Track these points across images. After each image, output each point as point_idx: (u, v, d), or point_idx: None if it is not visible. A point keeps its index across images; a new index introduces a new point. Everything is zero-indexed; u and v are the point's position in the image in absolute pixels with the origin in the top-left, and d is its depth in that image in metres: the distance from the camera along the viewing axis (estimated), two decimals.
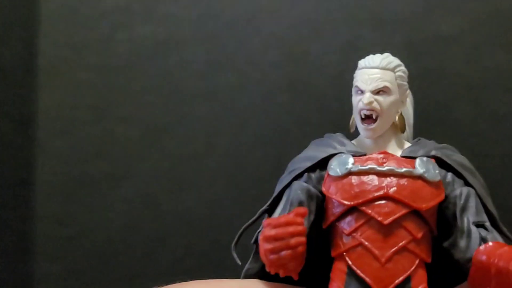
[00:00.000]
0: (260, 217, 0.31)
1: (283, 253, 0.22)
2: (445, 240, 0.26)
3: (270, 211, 0.30)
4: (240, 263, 0.33)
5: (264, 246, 0.23)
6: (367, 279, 0.24)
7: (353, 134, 0.32)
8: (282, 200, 0.29)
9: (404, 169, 0.25)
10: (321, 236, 0.27)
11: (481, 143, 0.57)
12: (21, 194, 0.85)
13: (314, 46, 0.70)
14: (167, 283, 0.39)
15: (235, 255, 0.33)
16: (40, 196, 0.88)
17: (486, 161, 0.56)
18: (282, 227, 0.23)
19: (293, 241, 0.22)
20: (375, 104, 0.29)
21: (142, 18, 0.71)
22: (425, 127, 0.35)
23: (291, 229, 0.22)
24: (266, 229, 0.23)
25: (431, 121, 0.57)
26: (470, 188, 0.27)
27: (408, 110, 0.32)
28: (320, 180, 0.27)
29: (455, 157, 0.29)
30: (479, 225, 0.25)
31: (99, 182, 0.90)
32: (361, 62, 0.31)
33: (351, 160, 0.27)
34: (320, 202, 0.27)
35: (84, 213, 0.87)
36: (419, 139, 0.31)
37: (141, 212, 0.86)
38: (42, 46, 0.72)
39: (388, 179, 0.25)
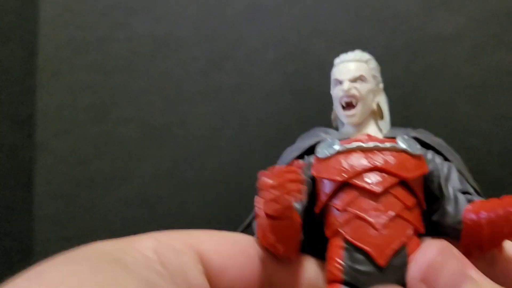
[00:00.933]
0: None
1: (282, 198, 0.22)
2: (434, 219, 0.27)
3: None
4: None
5: (263, 195, 0.23)
6: (365, 247, 0.23)
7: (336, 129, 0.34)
8: None
9: (388, 144, 0.26)
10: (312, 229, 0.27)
11: (482, 142, 0.57)
12: (21, 195, 0.85)
13: (314, 45, 0.70)
14: None
15: None
16: (39, 196, 0.88)
17: (486, 160, 0.56)
18: (281, 176, 0.22)
19: (293, 186, 0.22)
20: (353, 91, 0.30)
21: (142, 17, 0.71)
22: (425, 127, 0.35)
23: (290, 176, 0.22)
24: (264, 179, 0.22)
25: (431, 120, 0.57)
26: (450, 163, 0.28)
27: (384, 105, 0.33)
28: (309, 166, 0.28)
29: (433, 138, 0.30)
30: (463, 192, 0.26)
31: (98, 182, 0.90)
32: (337, 59, 0.33)
33: (337, 142, 0.27)
34: (310, 188, 0.27)
35: (83, 214, 0.87)
36: (395, 127, 0.32)
37: (141, 213, 0.86)
38: (42, 46, 0.72)
39: (374, 154, 0.26)
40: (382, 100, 0.32)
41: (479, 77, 0.57)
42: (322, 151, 0.27)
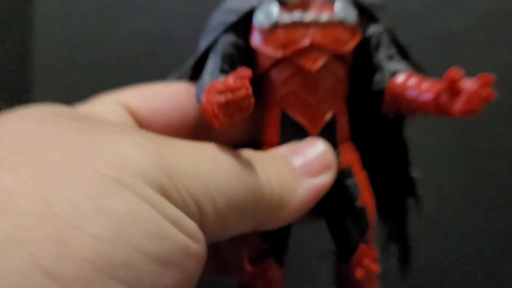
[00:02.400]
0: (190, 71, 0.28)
1: (234, 109, 0.21)
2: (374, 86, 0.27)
3: (197, 68, 0.27)
4: None
5: (215, 105, 0.21)
6: (300, 120, 0.25)
7: None
8: (211, 57, 0.26)
9: (325, 19, 0.24)
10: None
11: (489, 141, 0.56)
12: None
13: None
14: None
15: None
16: None
17: (492, 159, 0.55)
18: (231, 91, 0.20)
19: (244, 104, 0.21)
20: None
21: (138, 14, 0.69)
22: (429, 125, 0.34)
23: (241, 93, 0.20)
24: (215, 95, 0.21)
25: (436, 119, 0.55)
26: (381, 27, 0.27)
27: None
28: (246, 32, 0.26)
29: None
30: (391, 56, 0.26)
31: None
32: None
33: (275, 8, 0.25)
34: (248, 53, 0.26)
35: None
36: None
37: None
38: (37, 43, 0.71)
39: (312, 29, 0.24)
40: None
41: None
42: (260, 20, 0.25)
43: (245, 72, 0.21)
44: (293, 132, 0.25)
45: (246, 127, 0.27)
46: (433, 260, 0.60)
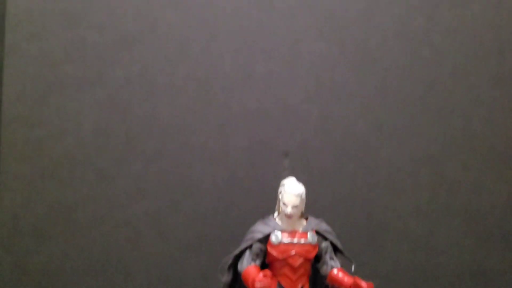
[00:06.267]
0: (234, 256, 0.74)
1: None
2: (317, 266, 0.76)
3: (238, 256, 0.74)
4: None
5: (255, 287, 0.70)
6: (287, 287, 0.72)
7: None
8: (247, 252, 0.73)
9: (302, 241, 0.72)
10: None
11: None
12: None
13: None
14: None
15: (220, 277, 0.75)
16: (8, 97, 0.88)
17: None
18: (264, 282, 0.69)
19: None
20: (293, 212, 0.72)
21: None
22: None
23: (267, 284, 0.70)
24: (257, 281, 0.69)
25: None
26: (328, 242, 0.74)
27: (303, 207, 0.74)
28: (265, 241, 0.73)
29: (324, 227, 0.75)
30: (331, 258, 0.75)
31: (70, 85, 0.90)
32: (287, 188, 0.72)
33: (279, 234, 0.72)
34: (264, 252, 0.73)
35: (54, 116, 0.89)
36: (307, 217, 0.75)
37: (112, 116, 0.90)
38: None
39: (297, 246, 0.72)
40: (303, 209, 0.74)
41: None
42: (273, 240, 0.72)
43: (268, 273, 0.70)
44: None
45: None
46: None
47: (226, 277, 0.73)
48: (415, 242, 0.87)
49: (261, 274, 0.68)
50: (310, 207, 0.74)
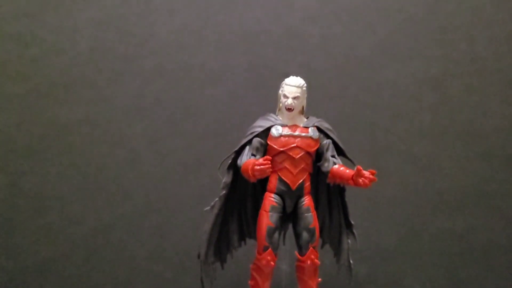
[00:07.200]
0: (232, 155, 0.72)
1: (262, 173, 0.67)
2: (319, 164, 0.73)
3: (238, 151, 0.71)
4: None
5: (254, 171, 0.66)
6: (287, 181, 0.70)
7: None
8: (246, 148, 0.71)
9: (303, 134, 0.70)
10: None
11: None
12: None
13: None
14: None
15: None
16: (2, 15, 0.85)
17: None
18: (263, 165, 0.66)
19: (267, 170, 0.66)
20: (294, 104, 0.70)
21: None
22: None
23: (266, 166, 0.66)
24: (256, 166, 0.65)
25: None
26: (329, 140, 0.72)
27: (304, 106, 0.73)
28: (266, 136, 0.70)
29: (325, 125, 0.72)
30: (333, 156, 0.72)
31: (65, 3, 0.87)
32: (287, 81, 0.71)
33: (280, 128, 0.70)
34: (265, 147, 0.71)
35: (49, 34, 0.88)
36: (308, 117, 0.73)
37: (109, 34, 0.89)
38: None
39: (297, 138, 0.70)
40: (304, 104, 0.73)
41: None
42: (273, 133, 0.70)
43: (268, 158, 0.66)
44: (283, 186, 0.71)
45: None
46: None
47: (227, 178, 0.70)
48: (418, 164, 0.86)
49: (260, 159, 0.65)
50: None
